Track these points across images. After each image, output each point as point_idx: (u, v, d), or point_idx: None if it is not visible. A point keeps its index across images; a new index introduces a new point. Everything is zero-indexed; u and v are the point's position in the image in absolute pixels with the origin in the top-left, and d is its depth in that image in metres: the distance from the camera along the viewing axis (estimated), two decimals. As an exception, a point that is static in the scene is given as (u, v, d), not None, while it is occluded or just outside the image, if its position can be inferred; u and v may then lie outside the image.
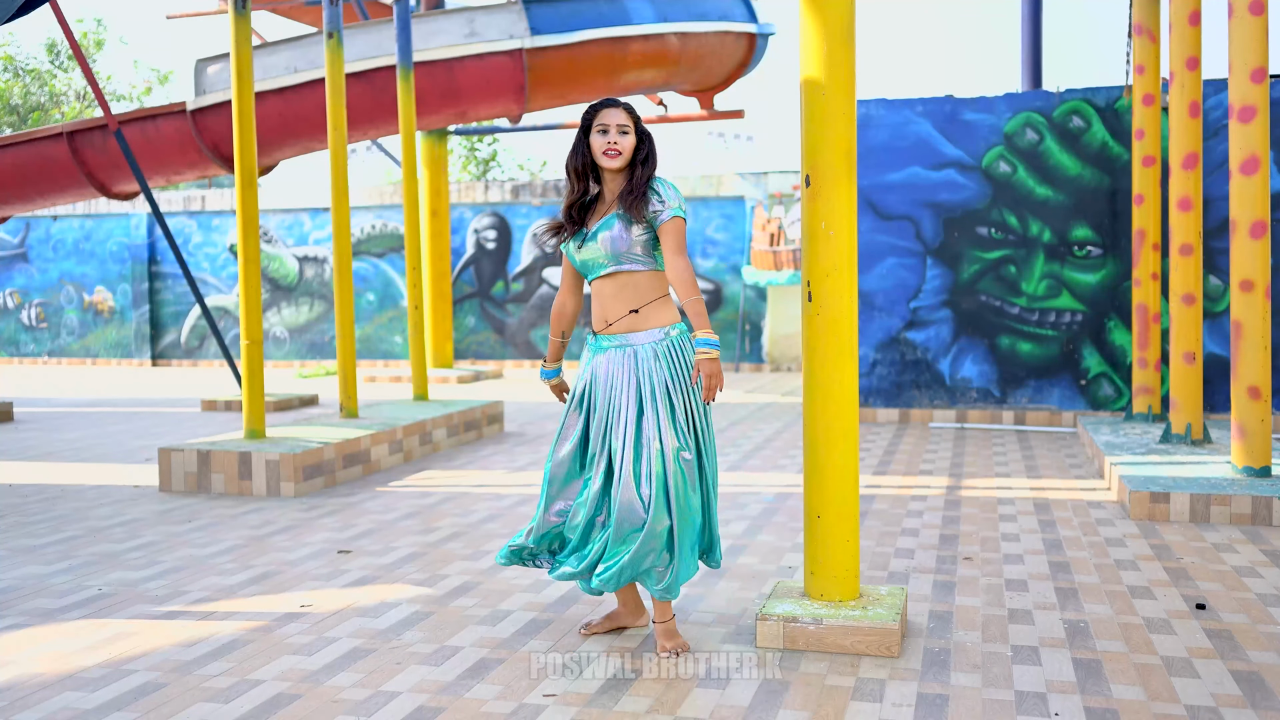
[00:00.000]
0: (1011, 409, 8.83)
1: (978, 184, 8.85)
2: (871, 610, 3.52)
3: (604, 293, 3.47)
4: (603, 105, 3.43)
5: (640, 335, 3.43)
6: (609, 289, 3.46)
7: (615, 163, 3.40)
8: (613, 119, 3.41)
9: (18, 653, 3.59)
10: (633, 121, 3.44)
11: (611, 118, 3.41)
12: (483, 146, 23.66)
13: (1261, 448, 5.55)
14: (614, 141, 3.39)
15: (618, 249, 3.40)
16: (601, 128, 3.41)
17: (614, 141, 3.39)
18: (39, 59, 25.13)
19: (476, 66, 11.07)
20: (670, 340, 3.43)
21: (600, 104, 3.44)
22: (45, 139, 11.10)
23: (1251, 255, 5.51)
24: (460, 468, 7.18)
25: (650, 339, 3.42)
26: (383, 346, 16.47)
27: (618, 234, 3.40)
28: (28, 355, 18.12)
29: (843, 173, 3.52)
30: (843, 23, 3.51)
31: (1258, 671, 3.27)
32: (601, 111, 3.42)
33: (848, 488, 3.59)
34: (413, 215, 9.22)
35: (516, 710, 3.05)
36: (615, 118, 3.41)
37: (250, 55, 7.07)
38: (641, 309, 3.43)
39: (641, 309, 3.43)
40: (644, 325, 3.43)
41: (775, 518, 5.48)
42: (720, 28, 11.92)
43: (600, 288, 3.48)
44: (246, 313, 7.02)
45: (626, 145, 3.41)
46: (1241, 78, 5.47)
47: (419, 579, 4.42)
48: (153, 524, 5.56)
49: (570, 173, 3.50)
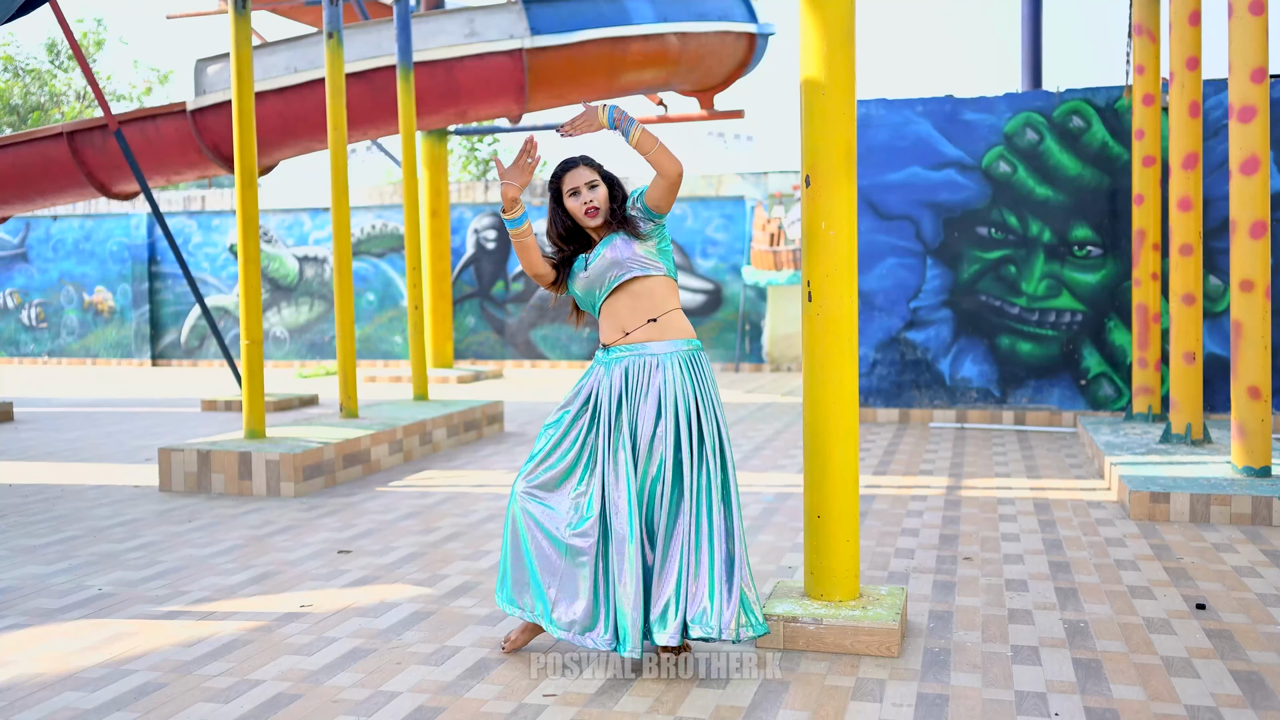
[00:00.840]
0: (1011, 409, 8.83)
1: (978, 184, 8.85)
2: (871, 610, 3.52)
3: (619, 305, 3.39)
4: (564, 170, 3.43)
5: (661, 345, 3.35)
6: (624, 300, 3.38)
7: (598, 219, 3.42)
8: (580, 179, 3.41)
9: (18, 653, 3.59)
10: (597, 172, 3.44)
11: (579, 178, 3.41)
12: (483, 146, 23.65)
13: (1261, 448, 5.55)
14: (589, 201, 3.40)
15: (625, 256, 3.37)
16: (572, 190, 3.42)
17: (589, 201, 3.40)
18: (39, 59, 25.12)
19: (476, 66, 11.07)
20: (693, 353, 3.37)
21: (561, 169, 3.44)
22: (45, 139, 11.10)
23: (1251, 255, 5.51)
24: (460, 468, 7.18)
25: (673, 349, 3.35)
26: (383, 346, 16.47)
27: (622, 245, 3.38)
28: (28, 355, 18.11)
29: (843, 173, 3.52)
30: (843, 23, 3.51)
31: (1258, 671, 3.27)
32: (565, 177, 3.43)
33: (848, 488, 3.59)
34: (413, 215, 9.22)
35: (516, 710, 3.05)
36: (582, 177, 3.41)
37: (250, 55, 7.07)
38: (660, 317, 3.37)
39: (660, 317, 3.37)
40: (664, 335, 3.36)
41: (775, 518, 5.48)
42: (720, 28, 11.92)
43: (614, 303, 3.40)
44: (246, 313, 7.02)
45: (601, 197, 3.41)
46: (1241, 78, 5.47)
47: (419, 579, 4.42)
48: (153, 524, 5.56)
49: (555, 241, 3.52)
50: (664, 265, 3.41)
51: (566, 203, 3.44)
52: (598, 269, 3.40)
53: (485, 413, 8.68)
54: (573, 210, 3.43)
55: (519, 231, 3.45)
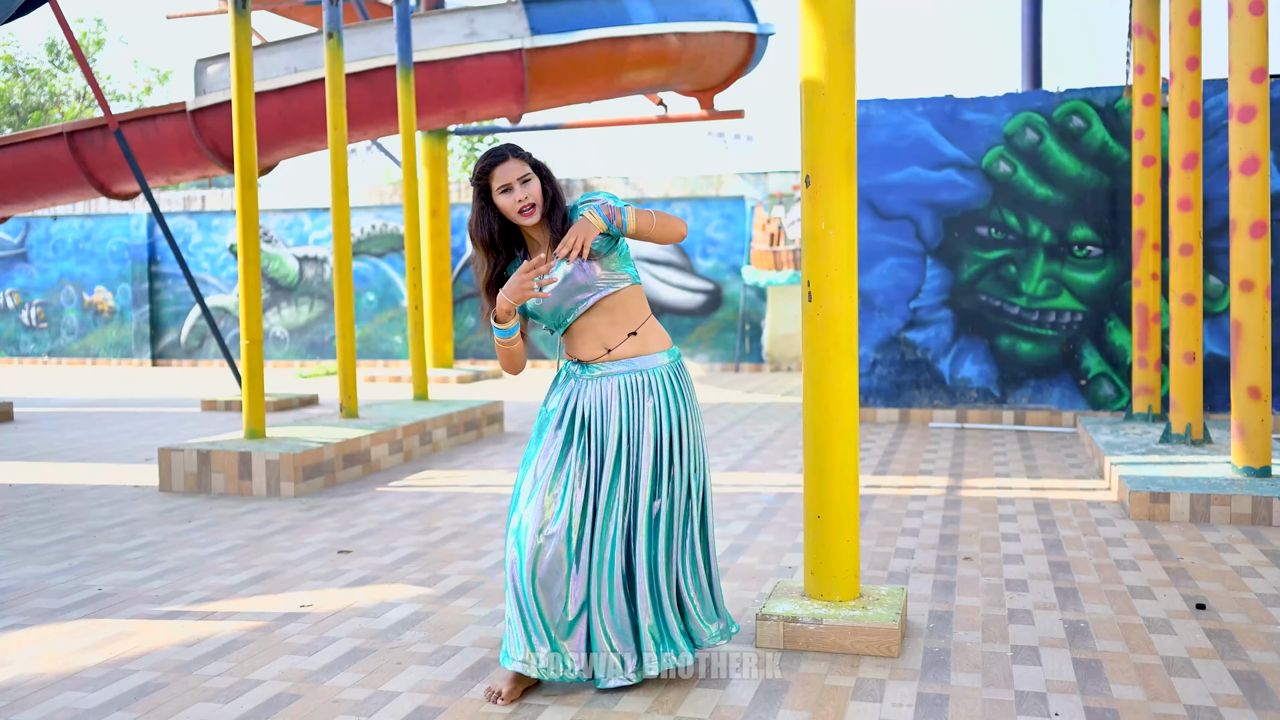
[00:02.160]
0: (1011, 409, 8.83)
1: (978, 184, 8.85)
2: (871, 610, 3.52)
3: (594, 322, 3.16)
4: (491, 164, 3.08)
5: (648, 359, 3.17)
6: (598, 317, 3.16)
7: (534, 217, 3.09)
8: (511, 174, 3.07)
9: (18, 653, 3.59)
10: (527, 164, 3.11)
11: (509, 173, 3.07)
12: (483, 146, 23.65)
13: (1261, 448, 5.55)
14: (522, 197, 3.07)
15: (593, 277, 3.12)
16: (504, 188, 3.07)
17: (522, 197, 3.07)
18: (39, 59, 25.13)
19: (476, 66, 11.07)
20: (676, 365, 3.24)
21: (488, 163, 3.08)
22: (45, 139, 11.10)
23: (1251, 255, 5.51)
24: (460, 468, 7.18)
25: (658, 363, 3.19)
26: (383, 346, 16.47)
27: (579, 269, 3.12)
28: (28, 355, 18.11)
29: (843, 173, 3.52)
30: (843, 23, 3.51)
31: (1258, 671, 3.27)
32: (493, 171, 3.08)
33: (848, 488, 3.59)
34: (413, 215, 9.22)
35: (516, 710, 3.05)
36: (513, 172, 3.07)
37: (250, 55, 7.07)
38: (639, 330, 3.19)
39: (639, 330, 3.19)
40: (647, 348, 3.19)
41: (775, 518, 5.48)
42: (720, 28, 11.92)
43: (587, 321, 3.17)
44: (246, 313, 7.02)
45: (536, 193, 3.09)
46: (1241, 78, 5.47)
47: (419, 579, 4.42)
48: (153, 524, 5.56)
49: (479, 245, 3.15)
50: (629, 274, 3.18)
51: (497, 200, 3.09)
52: (563, 291, 3.13)
53: (485, 413, 8.68)
54: (505, 209, 3.09)
55: (509, 340, 3.14)
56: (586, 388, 3.18)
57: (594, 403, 3.16)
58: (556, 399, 3.22)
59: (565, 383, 3.24)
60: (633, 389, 3.16)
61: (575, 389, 3.20)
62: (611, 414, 3.14)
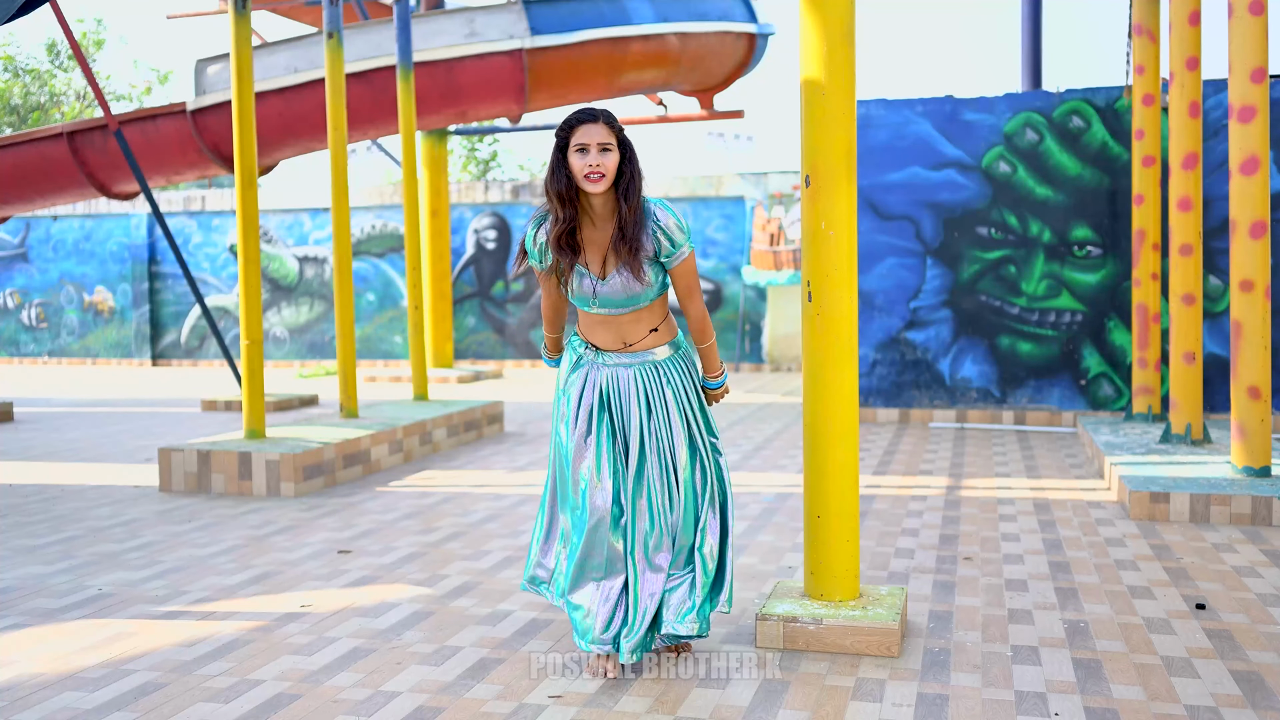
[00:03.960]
0: (1011, 409, 8.83)
1: (978, 184, 8.85)
2: (871, 610, 3.52)
3: (621, 320, 3.29)
4: (579, 120, 3.11)
5: (663, 350, 3.34)
6: (626, 317, 3.28)
7: (600, 187, 3.10)
8: (593, 137, 3.08)
9: (18, 653, 3.59)
10: (614, 135, 3.12)
11: (591, 135, 3.09)
12: (483, 146, 23.66)
13: (1261, 448, 5.55)
14: (595, 164, 3.08)
15: (632, 292, 3.22)
16: (580, 147, 3.09)
17: (595, 164, 3.08)
18: (39, 59, 25.13)
19: (476, 66, 11.07)
20: (687, 350, 3.45)
21: (576, 118, 3.12)
22: (45, 139, 11.10)
23: (1251, 255, 5.51)
24: (460, 468, 7.18)
25: (669, 352, 3.36)
26: (383, 346, 16.47)
27: (628, 282, 3.20)
28: (28, 355, 18.11)
29: (843, 173, 3.52)
30: (843, 23, 3.51)
31: (1258, 671, 3.27)
32: (578, 128, 3.10)
33: (848, 488, 3.60)
34: (413, 215, 9.22)
35: (516, 710, 3.05)
36: (595, 135, 3.09)
37: (250, 55, 7.07)
38: (660, 325, 3.33)
39: (660, 325, 3.33)
40: (662, 340, 3.34)
41: (775, 518, 5.48)
42: (720, 28, 11.92)
43: (614, 318, 3.29)
44: (246, 313, 7.02)
45: (610, 165, 3.10)
46: (1241, 78, 5.47)
47: (419, 579, 4.42)
48: (153, 524, 5.56)
49: (552, 197, 3.17)
50: (661, 284, 3.29)
51: (571, 158, 3.11)
52: (610, 292, 3.22)
53: (485, 413, 8.68)
54: (575, 168, 3.09)
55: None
56: (602, 372, 3.34)
57: (613, 386, 3.33)
58: (575, 380, 3.36)
59: (580, 365, 3.37)
60: (648, 376, 3.33)
61: (590, 373, 3.35)
62: (631, 398, 3.31)
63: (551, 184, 3.16)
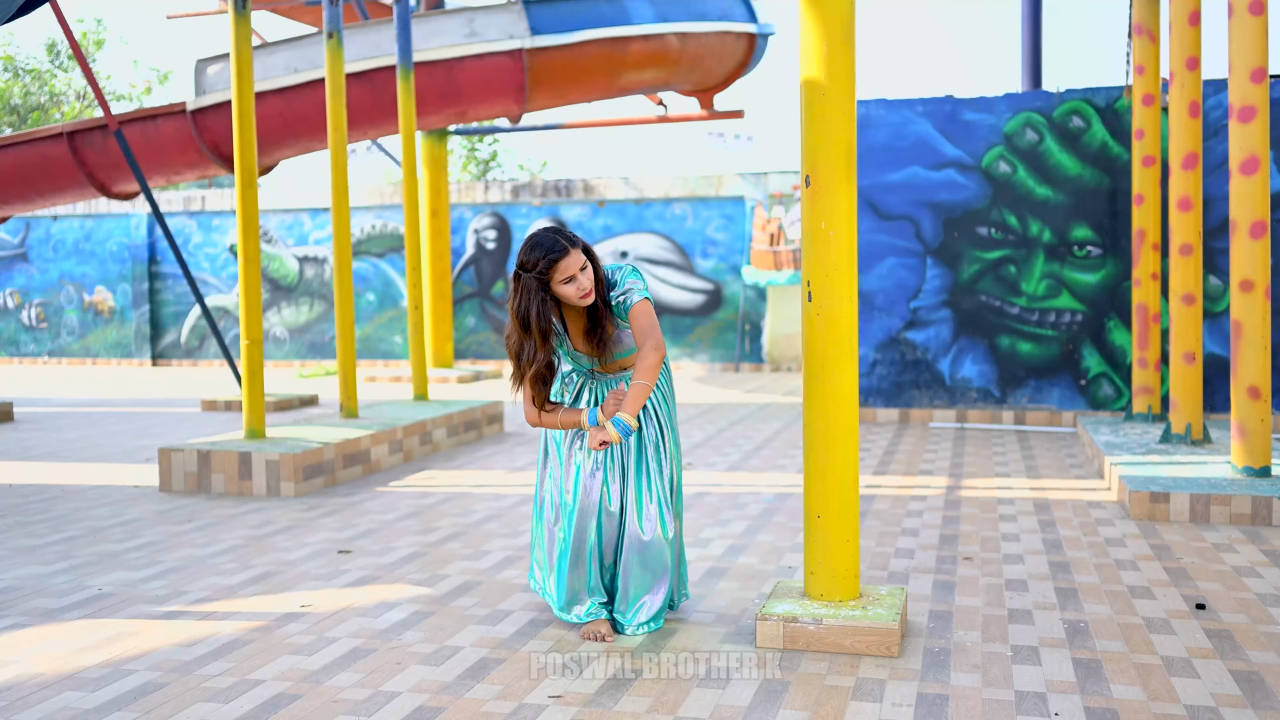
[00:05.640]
0: (1011, 409, 8.83)
1: (978, 184, 8.85)
2: (871, 610, 3.52)
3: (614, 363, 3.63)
4: (552, 257, 3.31)
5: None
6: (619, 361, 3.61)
7: (592, 300, 3.43)
8: (574, 266, 3.34)
9: (18, 653, 3.59)
10: (583, 250, 3.40)
11: (572, 265, 3.34)
12: (483, 146, 23.66)
13: (1261, 448, 5.55)
14: (585, 287, 3.38)
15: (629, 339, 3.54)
16: (567, 279, 3.35)
17: (585, 287, 3.38)
18: (39, 59, 25.12)
19: (476, 66, 11.07)
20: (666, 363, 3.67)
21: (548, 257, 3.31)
22: (45, 139, 11.10)
23: (1251, 255, 5.51)
24: (460, 468, 7.18)
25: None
26: (383, 346, 16.47)
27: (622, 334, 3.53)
28: (28, 355, 18.11)
29: (843, 173, 3.52)
30: (843, 23, 3.51)
31: (1258, 671, 3.27)
32: (558, 264, 3.32)
33: (848, 488, 3.60)
34: (413, 215, 9.22)
35: (516, 710, 3.05)
36: (575, 263, 3.34)
37: (250, 55, 7.07)
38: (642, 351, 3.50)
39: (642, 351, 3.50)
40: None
41: (775, 518, 5.48)
42: (720, 28, 11.91)
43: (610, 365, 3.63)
44: (246, 313, 7.02)
45: (591, 278, 3.40)
46: (1241, 78, 5.47)
47: (419, 579, 4.42)
48: (153, 524, 5.56)
49: (537, 334, 3.38)
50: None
51: (558, 289, 3.37)
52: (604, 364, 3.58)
53: (485, 413, 8.68)
54: (565, 296, 3.38)
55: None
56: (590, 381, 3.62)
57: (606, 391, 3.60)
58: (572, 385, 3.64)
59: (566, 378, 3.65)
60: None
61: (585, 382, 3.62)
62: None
63: (537, 322, 3.36)
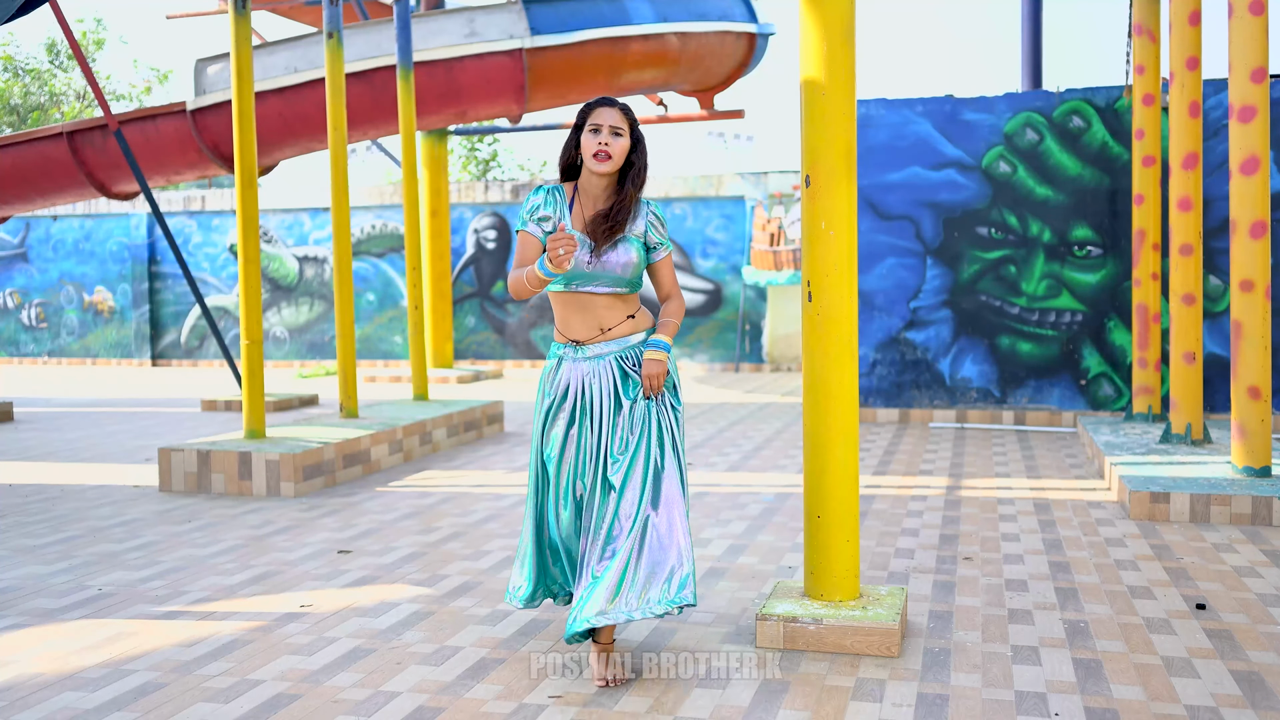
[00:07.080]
0: (1011, 409, 8.83)
1: (978, 184, 8.85)
2: (871, 610, 3.52)
3: (597, 303, 3.31)
4: (598, 104, 3.28)
5: (639, 336, 3.36)
6: (604, 300, 3.31)
7: (604, 167, 3.23)
8: (606, 119, 3.24)
9: (18, 653, 3.59)
10: (628, 124, 3.26)
11: (605, 117, 3.24)
12: (483, 146, 23.66)
13: (1261, 448, 5.55)
14: (605, 143, 3.22)
15: (628, 274, 3.29)
16: (594, 127, 3.24)
17: (605, 143, 3.22)
18: (39, 59, 25.13)
19: (476, 66, 11.07)
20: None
21: (596, 102, 3.29)
22: (45, 139, 11.10)
23: (1251, 255, 5.51)
24: (460, 468, 7.18)
25: (641, 338, 3.36)
26: (383, 346, 16.47)
27: (632, 259, 3.28)
28: (28, 355, 18.11)
29: (843, 173, 3.52)
30: (843, 23, 3.51)
31: (1258, 671, 3.27)
32: (596, 110, 3.26)
33: (848, 488, 3.59)
34: (413, 215, 9.22)
35: (516, 710, 3.05)
36: (609, 118, 3.24)
37: (250, 55, 7.07)
38: (635, 314, 3.36)
39: (635, 314, 3.36)
40: (639, 327, 3.36)
41: (775, 518, 5.48)
42: (720, 28, 11.92)
43: (591, 299, 3.31)
44: (246, 313, 7.02)
45: (618, 149, 3.23)
46: (1241, 78, 5.47)
47: (419, 579, 4.42)
48: (153, 524, 5.56)
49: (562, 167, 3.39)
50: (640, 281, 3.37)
51: (584, 137, 3.26)
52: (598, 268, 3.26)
53: (485, 413, 8.68)
54: (585, 146, 3.25)
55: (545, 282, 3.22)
56: (580, 368, 3.35)
57: (588, 379, 3.33)
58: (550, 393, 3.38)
59: (558, 371, 3.38)
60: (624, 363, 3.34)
61: (568, 373, 3.36)
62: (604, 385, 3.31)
63: (562, 154, 3.36)
